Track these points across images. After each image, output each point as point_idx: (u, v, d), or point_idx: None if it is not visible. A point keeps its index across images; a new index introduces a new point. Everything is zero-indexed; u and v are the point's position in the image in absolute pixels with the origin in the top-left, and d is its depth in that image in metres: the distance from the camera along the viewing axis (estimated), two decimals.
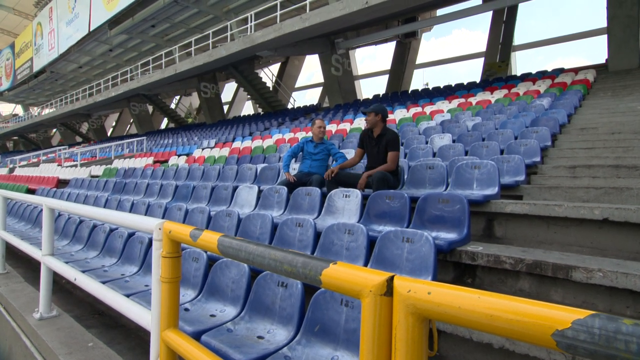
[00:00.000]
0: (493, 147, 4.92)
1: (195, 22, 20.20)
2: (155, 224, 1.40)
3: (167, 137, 18.23)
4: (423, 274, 2.28)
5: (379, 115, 4.03)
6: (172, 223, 1.38)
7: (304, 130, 10.76)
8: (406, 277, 0.68)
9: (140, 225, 1.53)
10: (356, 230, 2.71)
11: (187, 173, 7.01)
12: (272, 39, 12.37)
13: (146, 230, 1.47)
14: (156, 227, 1.39)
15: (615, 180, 3.70)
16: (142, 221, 1.52)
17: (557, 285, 2.25)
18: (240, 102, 29.11)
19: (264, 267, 0.96)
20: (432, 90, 14.19)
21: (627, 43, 10.50)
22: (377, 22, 16.44)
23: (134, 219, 1.59)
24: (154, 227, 1.40)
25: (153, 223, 1.41)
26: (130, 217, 1.63)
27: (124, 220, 1.66)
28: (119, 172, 9.35)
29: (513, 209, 3.00)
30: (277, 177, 5.36)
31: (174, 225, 1.35)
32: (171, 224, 1.37)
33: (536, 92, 8.91)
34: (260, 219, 3.42)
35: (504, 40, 16.68)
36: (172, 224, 1.36)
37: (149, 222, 1.45)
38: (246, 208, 4.49)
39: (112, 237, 3.90)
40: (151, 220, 1.45)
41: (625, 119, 5.88)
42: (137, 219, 1.57)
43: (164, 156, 12.67)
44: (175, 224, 1.36)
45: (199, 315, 2.43)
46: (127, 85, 19.91)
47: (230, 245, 1.07)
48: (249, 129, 14.03)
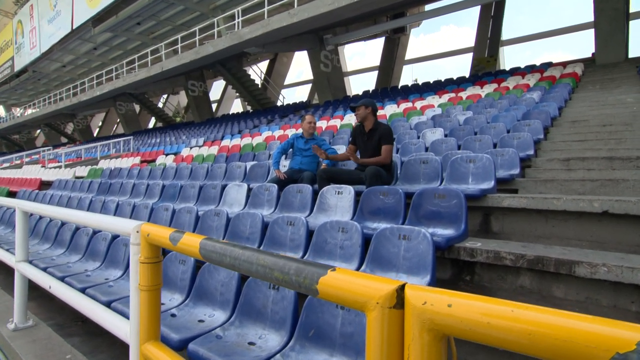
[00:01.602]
0: (486, 141, 4.86)
1: (182, 20, 19.84)
2: (133, 226, 1.27)
3: (155, 136, 17.90)
4: (421, 272, 2.18)
5: (369, 108, 3.92)
6: (150, 225, 1.25)
7: (293, 127, 10.63)
8: (420, 286, 0.57)
9: (116, 228, 1.40)
10: (350, 228, 2.60)
11: (175, 172, 6.82)
12: (260, 35, 12.18)
13: (123, 233, 1.34)
14: (133, 230, 1.26)
15: (610, 172, 3.66)
16: (118, 223, 1.39)
17: (560, 281, 2.17)
18: (229, 100, 28.79)
19: (251, 274, 0.84)
20: (422, 85, 14.16)
21: (613, 36, 10.57)
22: (366, 17, 16.33)
23: (110, 221, 1.45)
24: (131, 230, 1.26)
25: (130, 225, 1.28)
26: (106, 219, 1.49)
27: (100, 223, 1.52)
28: (105, 173, 9.10)
29: (510, 203, 2.92)
30: (267, 174, 5.23)
31: (152, 228, 1.22)
32: (149, 226, 1.24)
33: (526, 85, 8.91)
34: (250, 218, 3.29)
35: (492, 35, 16.72)
36: (151, 226, 1.23)
37: (125, 225, 1.32)
38: (235, 207, 4.36)
39: (95, 240, 3.73)
40: (128, 223, 1.32)
41: (615, 111, 5.87)
42: (113, 222, 1.43)
43: (151, 156, 12.41)
44: (154, 226, 1.23)
45: (186, 321, 2.30)
46: (113, 84, 19.50)
47: (214, 250, 0.95)
48: (238, 127, 13.83)
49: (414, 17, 18.53)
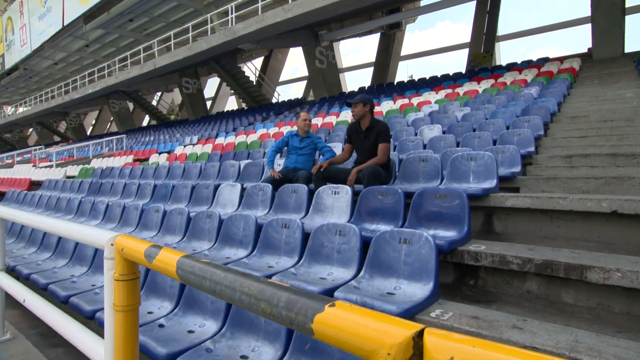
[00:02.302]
0: (485, 138, 4.75)
1: (175, 16, 19.55)
2: (106, 238, 1.13)
3: (149, 134, 17.67)
4: (423, 278, 2.06)
5: (367, 105, 3.79)
6: (126, 237, 1.11)
7: (289, 125, 10.48)
8: (443, 333, 0.44)
9: (89, 239, 1.26)
10: (348, 231, 2.47)
11: (167, 172, 6.66)
12: (253, 31, 11.98)
13: (96, 245, 1.20)
14: (107, 243, 1.13)
15: (614, 169, 3.56)
16: (91, 234, 1.25)
17: (569, 286, 2.06)
18: (223, 98, 28.52)
19: (234, 302, 0.71)
20: (418, 81, 14.03)
21: (611, 31, 10.49)
22: (361, 13, 16.16)
23: (83, 231, 1.32)
24: (105, 243, 1.13)
25: (103, 237, 1.15)
26: (78, 229, 1.36)
27: (72, 233, 1.38)
28: (96, 172, 8.91)
29: (514, 203, 2.81)
30: (261, 173, 5.09)
31: (127, 241, 1.09)
32: (125, 239, 1.10)
33: (523, 81, 8.80)
34: (243, 220, 3.16)
35: (488, 30, 16.61)
36: (127, 239, 1.10)
37: (99, 236, 1.18)
38: (229, 208, 4.22)
39: (81, 244, 3.58)
40: (102, 234, 1.18)
41: (615, 107, 5.78)
42: (85, 232, 1.29)
43: (144, 154, 12.21)
44: (130, 239, 1.10)
45: (175, 332, 2.17)
46: (105, 82, 19.22)
47: (192, 270, 0.82)
48: (232, 125, 13.65)
49: (410, 13, 18.36)
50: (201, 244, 3.39)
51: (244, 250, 3.02)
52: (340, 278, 2.34)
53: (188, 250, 3.26)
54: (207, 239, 3.39)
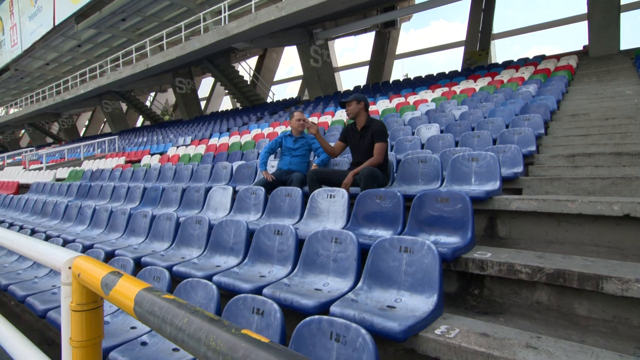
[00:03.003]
0: (485, 137, 4.61)
1: (168, 15, 19.30)
2: (63, 260, 0.97)
3: (142, 135, 17.42)
4: (426, 290, 1.91)
5: (361, 103, 3.63)
6: (86, 260, 0.95)
7: (283, 125, 10.31)
8: None
9: (44, 259, 1.09)
10: (344, 238, 2.32)
11: (158, 174, 6.48)
12: (247, 29, 11.79)
13: (53, 267, 1.04)
14: (64, 266, 0.96)
15: (620, 169, 3.43)
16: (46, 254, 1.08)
17: (582, 296, 1.92)
18: (218, 98, 28.28)
19: (199, 358, 0.56)
20: (414, 80, 13.90)
21: (607, 28, 10.41)
22: (356, 11, 16.02)
23: (39, 249, 1.14)
24: (61, 265, 0.97)
25: (61, 258, 0.98)
26: (35, 245, 1.18)
27: (28, 250, 1.21)
28: (86, 175, 8.69)
29: (519, 206, 2.67)
30: (254, 176, 4.92)
31: (87, 264, 0.92)
32: (84, 262, 0.94)
33: (520, 79, 8.69)
34: (234, 225, 2.99)
35: (484, 28, 16.53)
36: (86, 262, 0.94)
37: (54, 256, 1.02)
38: (220, 212, 4.05)
39: None
40: (57, 254, 1.01)
41: (615, 104, 5.67)
42: (41, 250, 1.12)
43: (136, 155, 11.99)
44: (90, 262, 0.93)
45: (158, 351, 2.00)
46: (97, 82, 18.93)
47: (151, 310, 0.66)
48: (226, 125, 13.45)
49: (404, 11, 18.24)
50: (190, 251, 3.23)
51: (234, 258, 2.86)
52: (336, 289, 2.19)
53: (176, 258, 3.10)
54: (196, 245, 3.23)
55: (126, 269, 2.78)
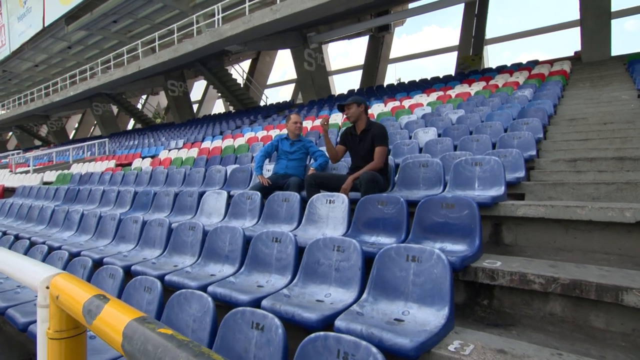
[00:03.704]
0: (484, 141, 4.54)
1: (160, 18, 19.10)
2: (41, 278, 0.83)
3: (133, 138, 17.15)
4: (436, 302, 1.80)
5: (362, 106, 3.54)
6: (67, 278, 0.82)
7: (277, 128, 10.20)
8: None
9: (19, 275, 0.95)
10: (347, 246, 2.20)
11: (150, 178, 6.30)
12: (241, 32, 11.68)
13: (28, 285, 0.90)
14: (41, 285, 0.82)
15: (623, 174, 3.37)
16: (23, 269, 0.94)
17: (599, 308, 1.83)
18: (210, 101, 28.07)
19: None
20: (408, 84, 13.90)
21: (599, 34, 10.50)
22: (350, 15, 16.01)
23: (13, 263, 1.00)
24: (38, 285, 0.83)
25: (38, 275, 0.84)
26: (8, 259, 1.03)
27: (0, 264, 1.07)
28: (74, 178, 8.47)
29: (526, 212, 2.58)
30: (249, 180, 4.79)
31: (67, 284, 0.79)
32: (64, 281, 0.81)
33: (515, 83, 8.70)
34: (230, 232, 2.86)
35: (477, 33, 16.63)
36: (66, 281, 0.81)
37: (31, 273, 0.88)
38: (214, 217, 3.91)
39: (35, 251, 3.26)
40: (35, 270, 0.88)
41: (613, 109, 5.66)
42: (15, 265, 0.97)
43: (127, 159, 11.76)
44: (71, 281, 0.80)
45: None
46: (87, 84, 18.63)
47: (144, 349, 0.53)
48: (219, 128, 13.29)
49: (398, 15, 18.28)
50: (183, 258, 3.08)
51: (230, 266, 2.73)
52: (339, 300, 2.07)
53: (168, 267, 2.96)
54: (189, 253, 3.09)
55: (115, 279, 2.63)
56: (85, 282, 0.83)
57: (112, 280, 2.66)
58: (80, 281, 0.81)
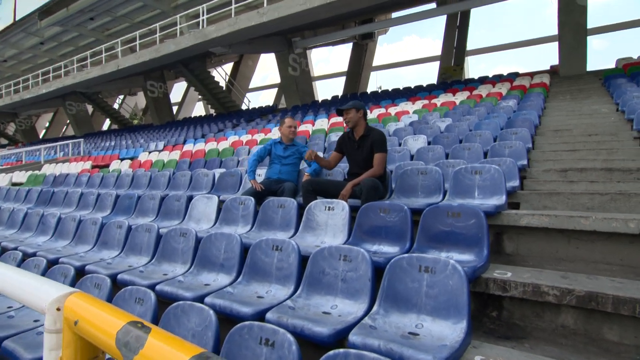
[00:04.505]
0: (476, 150, 4.57)
1: (140, 17, 18.62)
2: (51, 298, 0.69)
3: (109, 139, 16.58)
4: (452, 315, 1.74)
5: (361, 111, 3.48)
6: (83, 298, 0.69)
7: (262, 132, 10.06)
8: None
9: (20, 294, 0.79)
10: (355, 256, 2.12)
11: (131, 180, 6.04)
12: (226, 34, 11.51)
13: (32, 306, 0.76)
14: (50, 307, 0.68)
15: (614, 184, 3.44)
16: (25, 285, 0.79)
17: (612, 320, 1.81)
18: (190, 103, 27.57)
19: None
20: (392, 91, 14.02)
21: (576, 50, 10.90)
22: (335, 21, 16.07)
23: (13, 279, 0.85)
24: (47, 306, 0.69)
25: (46, 295, 0.70)
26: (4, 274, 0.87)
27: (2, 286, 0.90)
28: (48, 179, 8.05)
29: (530, 222, 2.57)
30: (239, 184, 4.65)
31: (87, 306, 0.65)
32: (82, 302, 0.67)
33: (499, 94, 8.89)
34: (225, 239, 2.73)
35: (458, 45, 17.03)
36: (84, 301, 0.67)
37: (37, 291, 0.73)
38: (204, 223, 3.75)
39: (26, 265, 3.01)
40: (42, 289, 0.73)
41: (595, 121, 5.83)
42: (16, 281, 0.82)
43: (104, 160, 11.32)
44: (90, 301, 0.67)
45: None
46: (61, 82, 17.92)
47: None
48: (201, 131, 13.00)
49: (382, 24, 18.53)
50: (173, 267, 2.92)
51: (226, 275, 2.59)
52: (347, 312, 1.98)
53: (158, 275, 2.79)
54: (180, 260, 2.93)
55: (101, 289, 2.45)
56: (107, 302, 0.70)
57: (97, 290, 2.47)
58: (101, 302, 0.69)
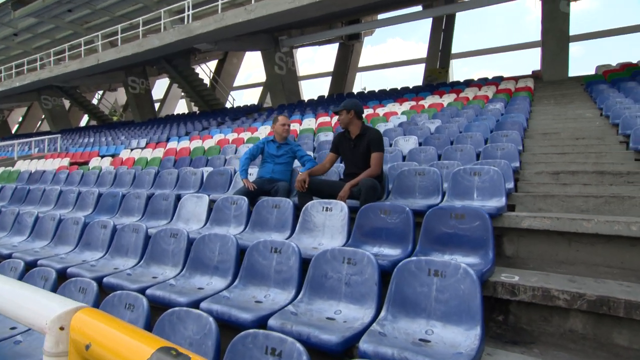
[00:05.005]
0: (468, 151, 4.58)
1: (121, 11, 18.11)
2: (53, 314, 0.57)
3: (88, 135, 16.04)
4: (464, 321, 1.68)
5: (351, 112, 3.40)
6: (94, 315, 0.57)
7: (248, 131, 9.90)
8: None
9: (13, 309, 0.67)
10: (360, 259, 2.04)
11: (114, 178, 5.81)
12: (212, 30, 11.29)
13: (28, 325, 0.64)
14: (51, 325, 0.55)
15: (607, 187, 3.47)
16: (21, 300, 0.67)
17: (622, 325, 1.79)
18: (173, 100, 27.00)
19: None
20: (379, 92, 14.05)
21: (559, 55, 11.16)
22: (322, 21, 16.00)
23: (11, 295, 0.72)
24: (47, 325, 0.56)
25: (47, 311, 0.58)
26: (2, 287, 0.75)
27: None
28: (22, 176, 7.68)
29: (532, 224, 2.55)
30: (229, 183, 4.51)
31: (101, 326, 0.54)
32: (94, 319, 0.55)
33: (485, 97, 8.99)
34: (220, 241, 2.61)
35: (444, 47, 17.22)
36: (96, 319, 0.56)
37: (34, 306, 0.61)
38: (193, 223, 3.61)
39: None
40: (41, 303, 0.61)
41: (580, 125, 5.94)
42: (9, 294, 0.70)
43: (83, 157, 10.91)
44: (104, 320, 0.56)
45: None
46: (37, 75, 17.24)
47: None
48: (185, 129, 12.71)
49: (368, 25, 18.58)
50: (163, 269, 2.78)
51: (221, 279, 2.47)
52: (352, 318, 1.90)
53: (147, 278, 2.65)
54: (171, 263, 2.79)
55: (86, 294, 2.29)
56: (124, 321, 0.59)
57: (82, 295, 2.31)
58: (119, 321, 0.57)
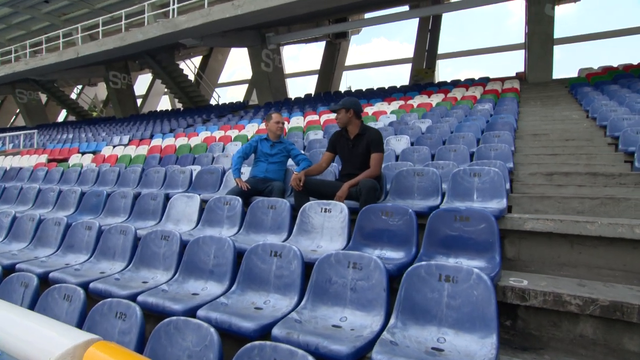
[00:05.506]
0: (462, 151, 4.56)
1: (102, 3, 17.57)
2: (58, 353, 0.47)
3: (67, 131, 15.50)
4: (478, 329, 1.62)
5: (350, 111, 3.33)
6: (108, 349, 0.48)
7: (235, 129, 9.71)
8: None
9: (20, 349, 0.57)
10: (367, 263, 1.96)
11: (97, 176, 5.57)
12: (198, 25, 11.03)
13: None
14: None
15: (602, 189, 3.49)
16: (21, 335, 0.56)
17: (633, 330, 1.76)
18: (155, 96, 26.38)
19: None
20: (366, 91, 14.03)
21: (543, 58, 11.34)
22: (310, 19, 15.88)
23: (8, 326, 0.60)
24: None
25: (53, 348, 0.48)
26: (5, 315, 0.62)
27: None
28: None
29: (534, 226, 2.52)
30: (219, 183, 4.37)
31: None
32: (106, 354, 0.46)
33: (473, 97, 9.05)
34: (215, 243, 2.49)
35: (430, 48, 17.34)
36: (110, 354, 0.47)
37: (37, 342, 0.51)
38: (184, 224, 3.46)
39: None
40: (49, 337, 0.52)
41: (568, 127, 6.01)
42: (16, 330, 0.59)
43: (62, 154, 10.52)
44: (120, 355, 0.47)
45: None
46: (11, 68, 16.56)
47: None
48: (169, 125, 12.41)
49: (356, 23, 18.56)
50: (154, 273, 2.64)
51: (216, 284, 2.36)
52: (360, 325, 1.82)
53: (137, 282, 2.51)
54: (162, 267, 2.65)
55: (72, 301, 2.14)
56: (142, 356, 0.49)
57: (67, 303, 2.16)
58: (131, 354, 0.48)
